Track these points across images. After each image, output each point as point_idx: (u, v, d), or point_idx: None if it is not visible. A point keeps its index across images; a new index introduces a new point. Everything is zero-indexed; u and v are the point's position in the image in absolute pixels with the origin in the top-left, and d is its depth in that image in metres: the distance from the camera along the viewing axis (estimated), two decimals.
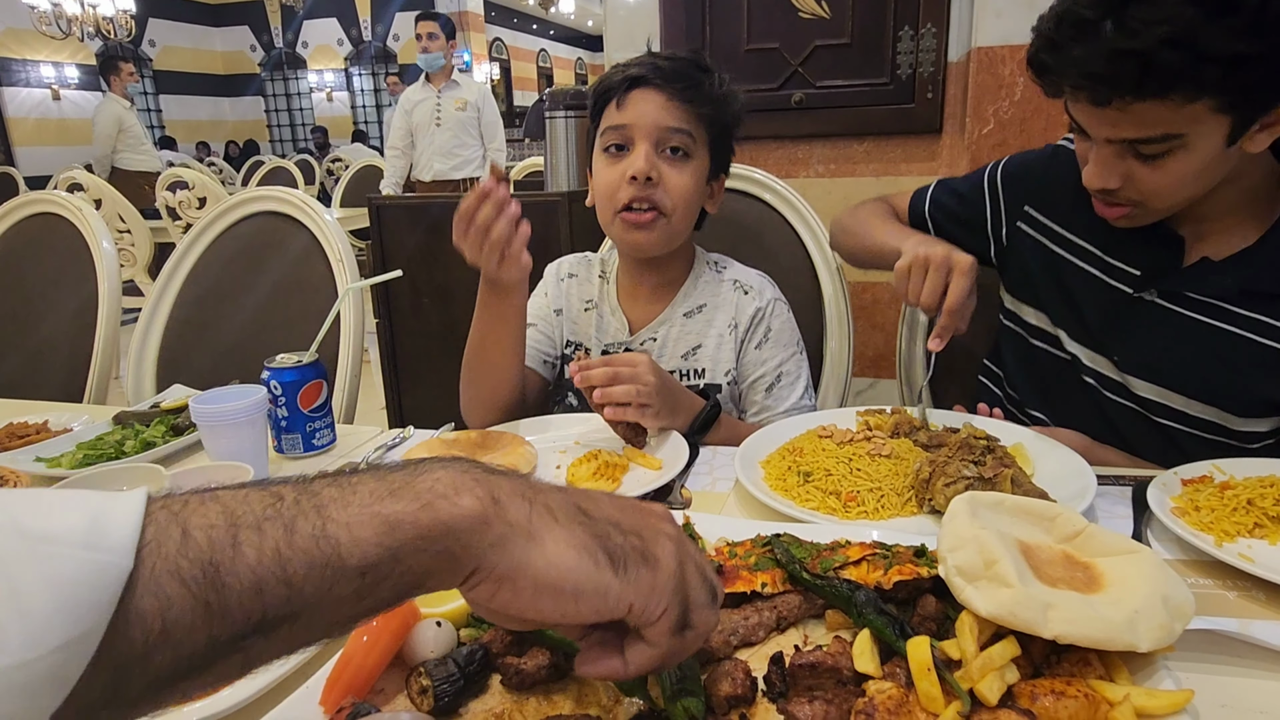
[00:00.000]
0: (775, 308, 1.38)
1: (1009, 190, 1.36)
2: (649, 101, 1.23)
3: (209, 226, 1.81)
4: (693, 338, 1.35)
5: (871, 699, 0.55)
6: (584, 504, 0.47)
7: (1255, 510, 0.85)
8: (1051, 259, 1.28)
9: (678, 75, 1.23)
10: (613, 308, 1.40)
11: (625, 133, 1.24)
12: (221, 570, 0.35)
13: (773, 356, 1.35)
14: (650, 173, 1.22)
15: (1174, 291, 1.14)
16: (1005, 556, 0.60)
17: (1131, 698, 0.54)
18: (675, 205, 1.25)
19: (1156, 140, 0.98)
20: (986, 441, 0.95)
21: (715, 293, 1.38)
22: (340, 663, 0.60)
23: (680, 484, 1.06)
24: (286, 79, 14.54)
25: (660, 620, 0.46)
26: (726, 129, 1.30)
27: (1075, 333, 1.25)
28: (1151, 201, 1.06)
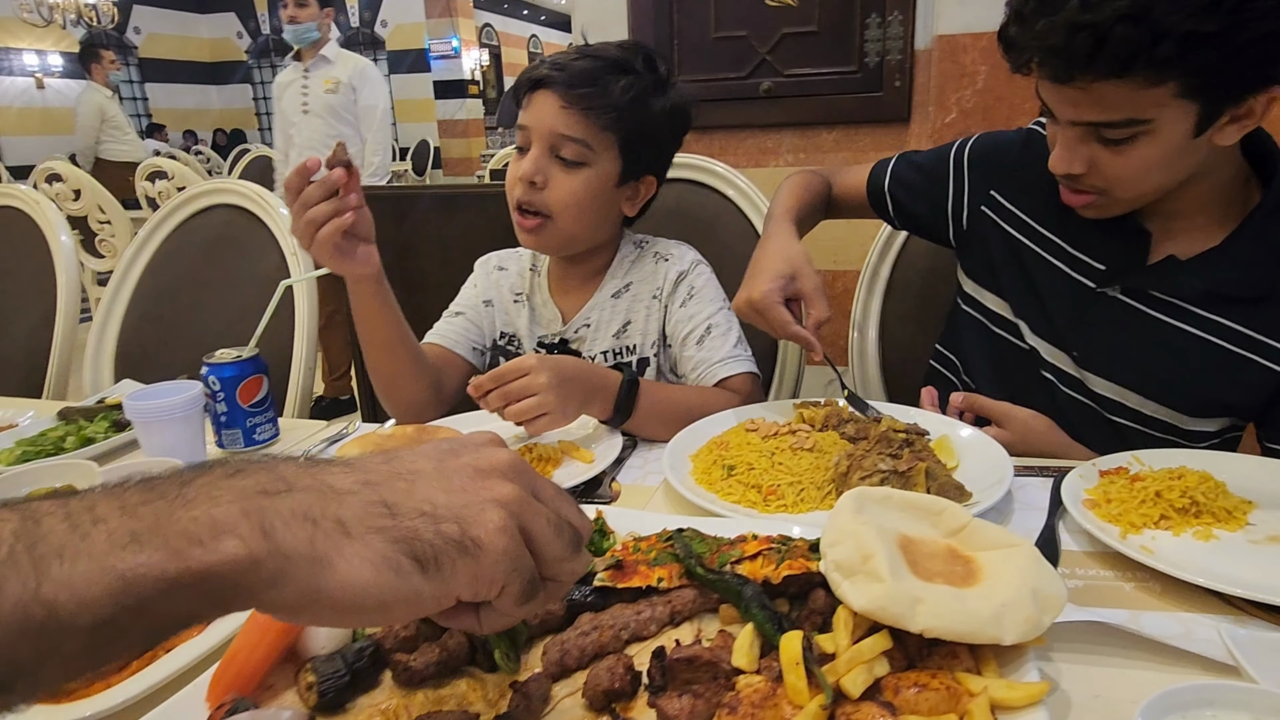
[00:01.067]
0: (697, 268, 1.38)
1: (975, 171, 1.32)
2: (546, 105, 1.21)
3: (165, 220, 1.81)
4: (622, 315, 1.37)
5: (738, 693, 0.56)
6: (392, 496, 0.44)
7: (1162, 502, 0.86)
8: (1015, 247, 1.26)
9: (581, 79, 1.20)
10: (544, 300, 1.41)
11: (526, 134, 1.23)
12: None
13: (699, 311, 1.34)
14: (535, 177, 1.21)
15: (1137, 289, 1.13)
16: (881, 551, 0.61)
17: (990, 690, 0.55)
18: (560, 211, 1.24)
19: (1120, 125, 0.97)
20: (905, 435, 0.96)
21: (640, 269, 1.39)
22: (225, 660, 0.61)
23: (611, 477, 1.07)
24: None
25: (502, 596, 0.45)
26: (646, 133, 1.27)
27: (1036, 325, 1.24)
28: (1116, 190, 1.04)
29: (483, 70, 13.85)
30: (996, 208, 1.29)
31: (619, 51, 1.26)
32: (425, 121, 12.82)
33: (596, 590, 0.71)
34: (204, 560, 0.37)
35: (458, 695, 0.63)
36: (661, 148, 1.34)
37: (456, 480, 0.46)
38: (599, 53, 1.25)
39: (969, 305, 1.37)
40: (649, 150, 1.30)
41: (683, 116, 1.32)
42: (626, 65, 1.24)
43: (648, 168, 1.32)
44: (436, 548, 0.43)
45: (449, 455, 0.48)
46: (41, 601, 0.34)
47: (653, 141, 1.30)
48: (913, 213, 1.42)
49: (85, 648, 0.35)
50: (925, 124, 2.47)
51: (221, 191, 1.81)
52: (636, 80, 1.23)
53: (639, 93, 1.23)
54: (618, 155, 1.26)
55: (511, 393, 1.05)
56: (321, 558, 0.40)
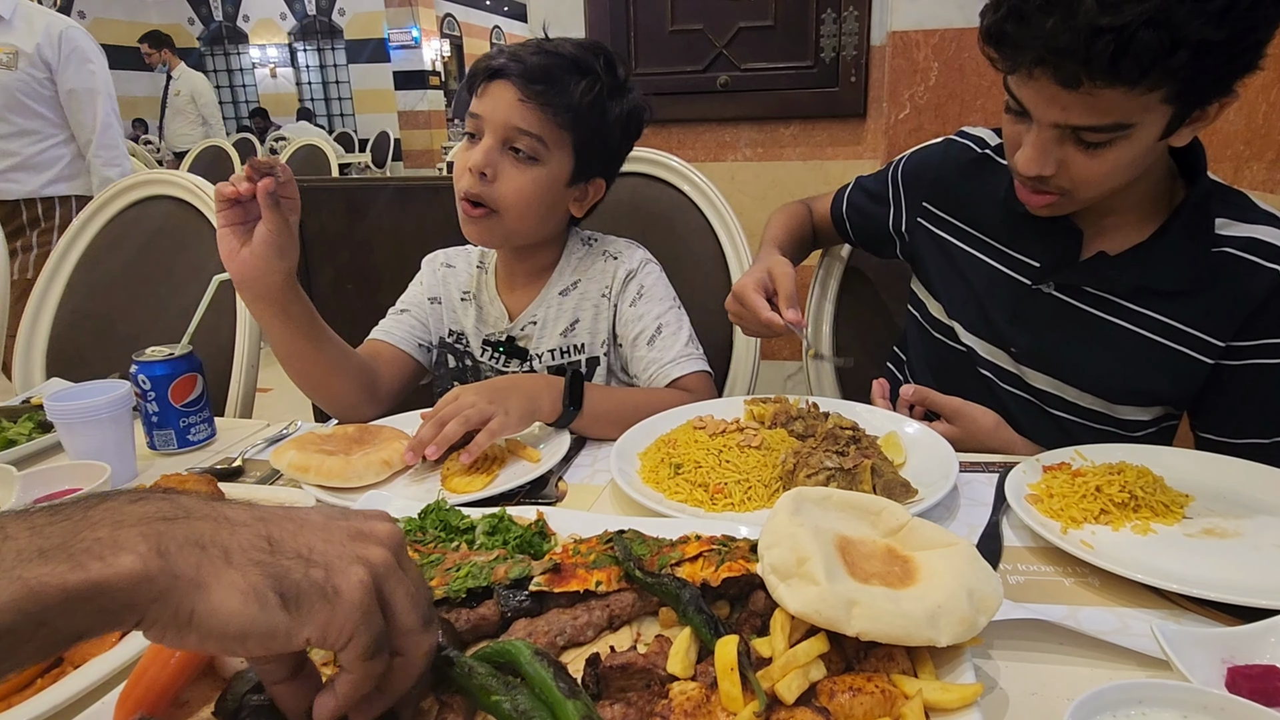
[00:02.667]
0: (646, 267, 1.38)
1: (908, 188, 1.38)
2: (502, 97, 1.18)
3: (99, 211, 1.74)
4: (569, 314, 1.35)
5: (670, 701, 0.55)
6: (278, 534, 0.47)
7: (1102, 497, 0.87)
8: (950, 252, 1.29)
9: (540, 75, 1.17)
10: (491, 297, 1.38)
11: (478, 123, 1.20)
12: None
13: (649, 311, 1.34)
14: (485, 169, 1.18)
15: (1071, 285, 1.15)
16: (817, 554, 0.60)
17: (924, 692, 0.54)
18: (509, 206, 1.21)
19: (1105, 129, 0.95)
20: (852, 432, 0.96)
21: (586, 265, 1.37)
22: (134, 677, 0.58)
23: (558, 476, 1.05)
24: (228, 54, 14.06)
25: (348, 647, 0.47)
26: (601, 136, 1.25)
27: (973, 325, 1.27)
28: (1080, 190, 1.04)
29: (444, 61, 13.64)
30: (931, 218, 1.34)
31: (580, 51, 1.22)
32: (385, 112, 12.61)
33: (533, 595, 0.69)
34: (103, 573, 0.40)
35: None
36: (614, 152, 1.32)
37: (336, 535, 0.49)
38: (559, 49, 1.21)
39: (914, 308, 1.41)
40: (602, 153, 1.28)
41: (637, 122, 1.30)
42: (586, 66, 1.21)
43: (599, 170, 1.30)
44: (301, 588, 0.45)
45: (339, 516, 0.52)
46: None
47: (606, 145, 1.28)
48: (866, 235, 1.50)
49: None
50: (881, 119, 2.48)
51: (161, 183, 1.74)
52: (595, 82, 1.21)
53: (597, 96, 1.21)
54: (571, 155, 1.23)
55: (445, 416, 1.04)
56: (202, 582, 0.43)
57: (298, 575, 0.46)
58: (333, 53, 13.55)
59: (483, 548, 0.79)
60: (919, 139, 1.69)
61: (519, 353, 1.36)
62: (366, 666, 0.48)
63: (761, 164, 2.72)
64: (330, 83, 13.76)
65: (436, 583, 0.70)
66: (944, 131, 1.42)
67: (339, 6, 13.12)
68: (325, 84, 13.70)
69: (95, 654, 0.65)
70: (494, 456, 1.07)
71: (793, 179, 2.71)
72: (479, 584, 0.70)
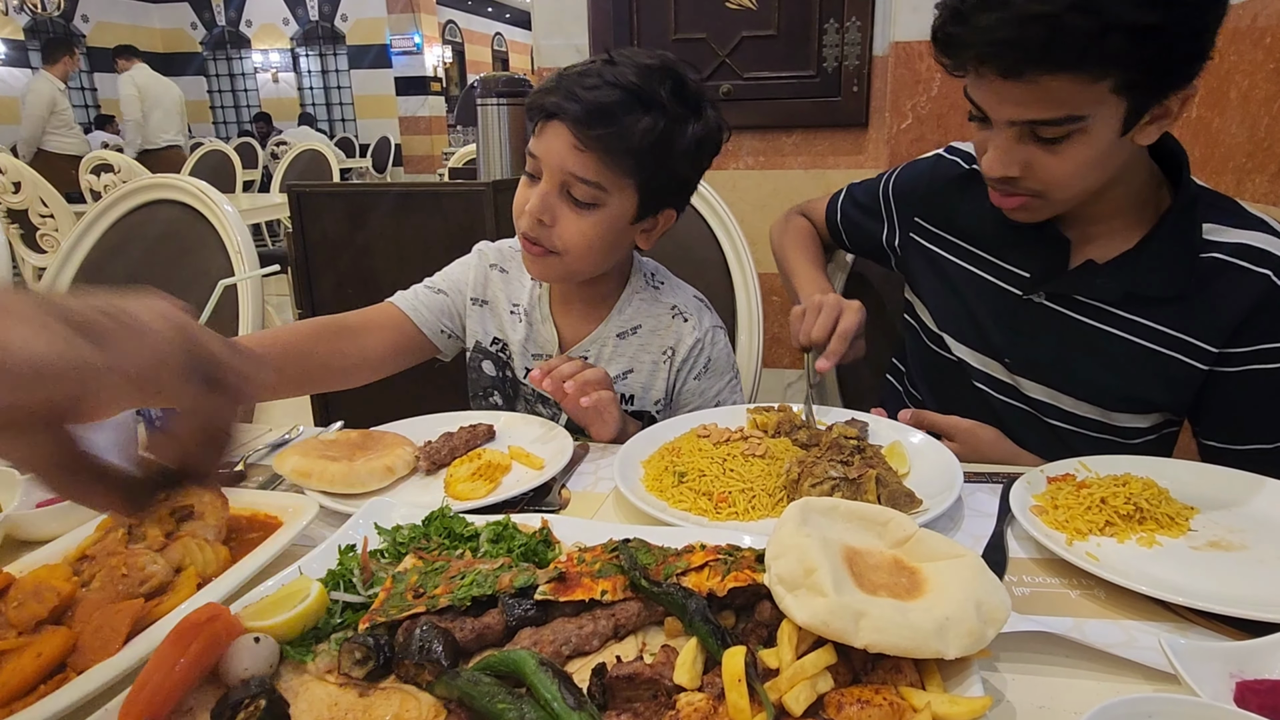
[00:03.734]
0: (713, 335, 1.33)
1: (899, 202, 1.39)
2: (559, 139, 1.10)
3: (103, 215, 1.74)
4: (625, 360, 1.30)
5: (678, 712, 0.54)
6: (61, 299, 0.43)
7: (1107, 509, 0.87)
8: (942, 266, 1.31)
9: (597, 117, 1.07)
10: (544, 316, 1.32)
11: (536, 163, 1.14)
12: None
13: (711, 386, 1.33)
14: (543, 216, 1.13)
15: (1061, 294, 1.16)
16: (825, 565, 0.60)
17: (932, 705, 0.54)
18: (568, 249, 1.15)
19: (1058, 122, 0.97)
20: (856, 441, 0.96)
21: (651, 314, 1.31)
22: (138, 684, 0.57)
23: (561, 484, 1.05)
24: (230, 59, 14.10)
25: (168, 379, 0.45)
26: (666, 171, 1.14)
27: (965, 336, 1.28)
28: (1052, 191, 1.06)
29: (446, 67, 13.70)
30: (922, 232, 1.35)
31: (643, 79, 1.09)
32: (387, 118, 12.64)
33: (538, 604, 0.69)
34: None
35: (392, 708, 0.61)
36: (684, 182, 1.22)
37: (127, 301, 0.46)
38: (620, 79, 1.09)
39: (910, 316, 1.43)
40: (670, 186, 1.19)
41: (712, 145, 1.19)
42: (650, 97, 1.09)
43: (668, 202, 1.22)
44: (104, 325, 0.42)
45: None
46: None
47: (674, 178, 1.18)
48: (860, 245, 1.51)
49: None
50: (883, 129, 2.49)
51: (165, 187, 1.74)
52: (661, 117, 1.09)
53: (662, 133, 1.09)
54: (635, 195, 1.15)
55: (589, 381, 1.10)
56: None
57: (96, 316, 0.43)
58: (335, 58, 13.60)
59: (487, 555, 0.78)
60: (921, 149, 1.70)
61: None
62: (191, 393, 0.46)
63: (763, 173, 2.72)
64: (332, 88, 13.80)
65: (441, 591, 0.70)
66: (946, 141, 1.43)
67: (341, 12, 13.17)
68: (327, 89, 13.74)
69: (97, 661, 0.64)
70: (497, 463, 1.07)
71: (794, 188, 2.72)
72: (484, 592, 0.69)
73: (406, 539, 0.81)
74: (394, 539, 0.82)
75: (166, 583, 0.75)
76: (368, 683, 0.64)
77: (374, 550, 0.81)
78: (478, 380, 1.38)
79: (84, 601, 0.71)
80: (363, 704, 0.62)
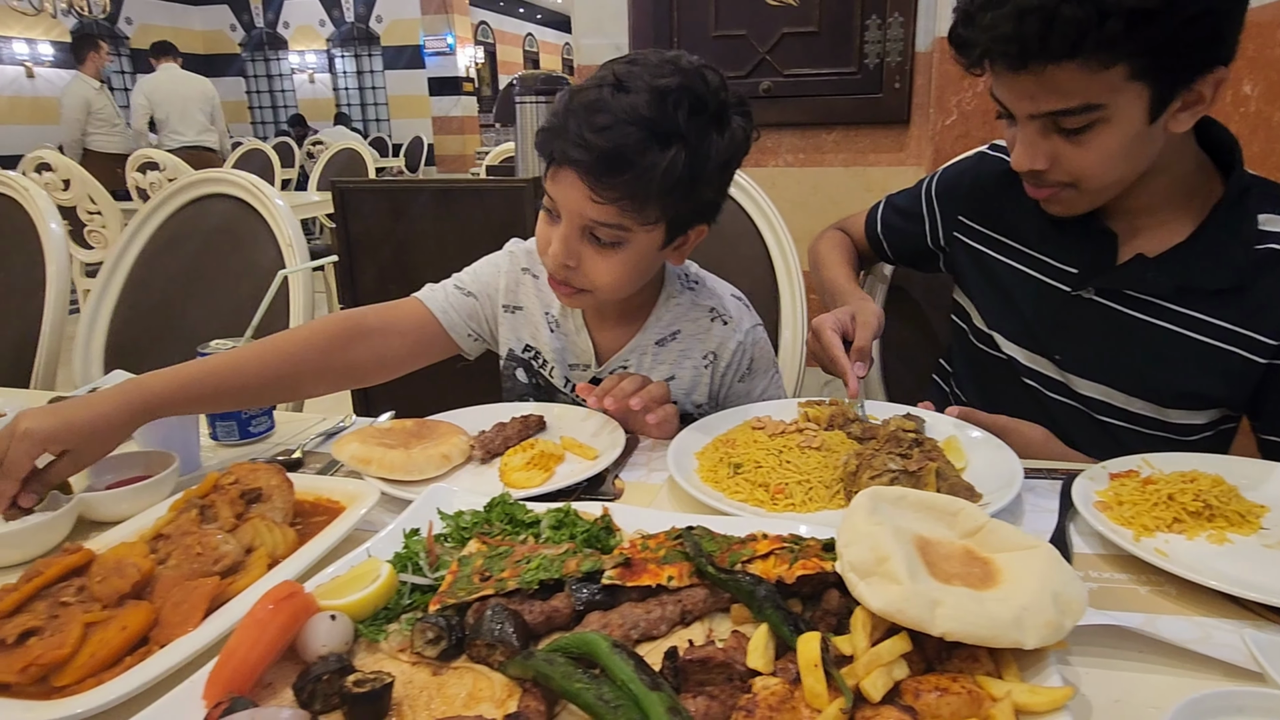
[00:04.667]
0: (754, 334, 1.30)
1: (943, 202, 1.38)
2: (574, 189, 1.02)
3: (158, 209, 1.78)
4: (666, 368, 1.26)
5: (754, 695, 0.55)
6: None
7: (1175, 505, 0.85)
8: (988, 264, 1.29)
9: (610, 163, 0.98)
10: (578, 327, 1.28)
11: (553, 204, 1.08)
12: None
13: (755, 387, 1.33)
14: (568, 261, 1.08)
15: (1111, 289, 1.14)
16: (898, 553, 0.59)
17: (1013, 695, 0.54)
18: (600, 287, 1.11)
19: (1076, 111, 0.98)
20: (915, 434, 0.95)
21: (690, 318, 1.27)
22: (223, 657, 0.59)
23: (614, 474, 1.05)
24: (268, 59, 14.33)
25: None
26: (692, 198, 1.07)
27: (1014, 334, 1.26)
28: (1083, 182, 1.06)
29: (478, 68, 13.80)
30: (967, 231, 1.34)
31: (657, 109, 0.99)
32: (420, 118, 12.77)
33: (605, 588, 0.69)
34: None
35: (465, 687, 0.62)
36: (714, 199, 1.13)
37: None
38: (632, 112, 0.98)
39: (958, 318, 1.41)
40: (697, 211, 1.12)
41: (740, 156, 1.11)
42: (667, 130, 0.99)
43: (698, 221, 1.15)
44: None
45: None
46: None
47: (703, 199, 1.10)
48: (905, 252, 1.49)
49: None
50: (925, 126, 2.46)
51: (217, 181, 1.78)
52: (682, 149, 1.00)
53: (686, 166, 1.01)
54: (662, 228, 1.09)
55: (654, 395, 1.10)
56: None
57: None
58: (369, 59, 13.76)
59: (549, 541, 0.79)
60: (966, 145, 1.68)
61: None
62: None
63: (802, 170, 2.71)
64: (366, 88, 13.97)
65: (508, 574, 0.71)
66: (992, 137, 1.42)
67: (376, 13, 13.32)
68: (361, 89, 13.92)
69: (178, 635, 0.66)
70: (550, 453, 1.07)
71: (834, 185, 2.70)
72: (551, 576, 0.70)
73: (469, 524, 0.82)
74: (457, 524, 0.83)
75: (239, 562, 0.77)
76: (440, 662, 0.65)
77: (438, 535, 0.82)
78: (512, 389, 1.35)
79: (161, 578, 0.73)
80: (436, 682, 0.63)
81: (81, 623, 0.65)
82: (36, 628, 0.65)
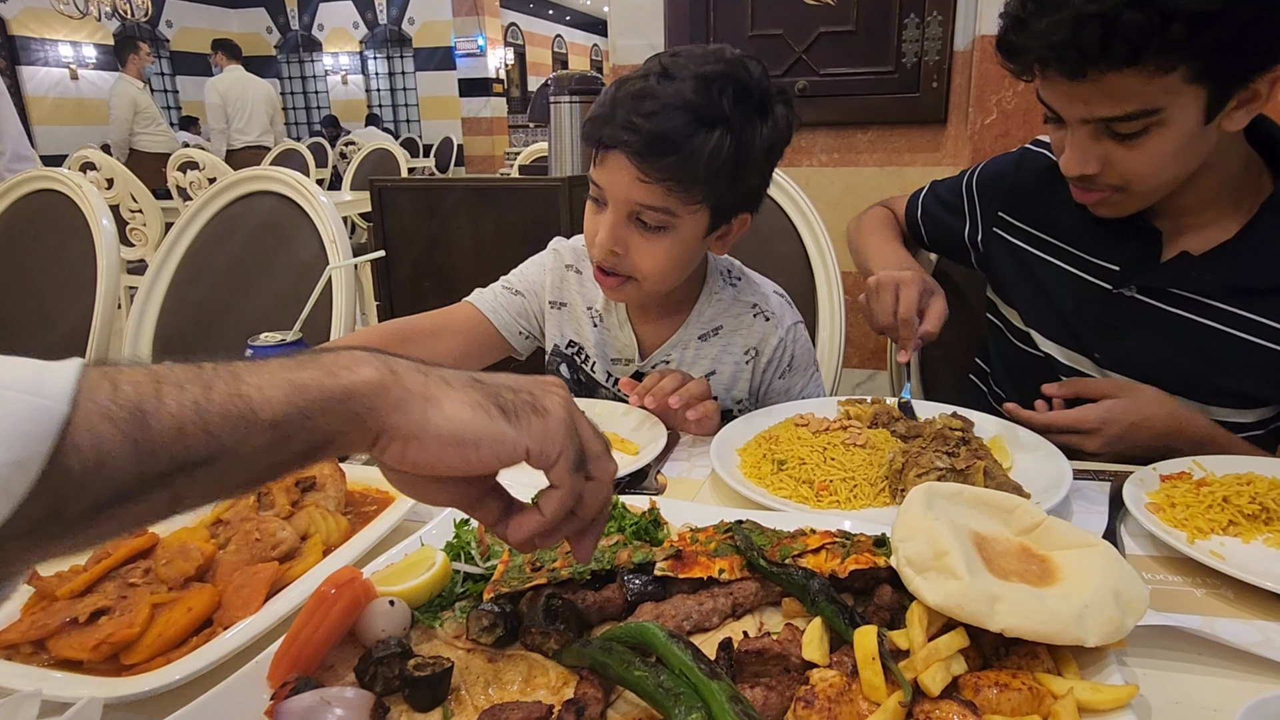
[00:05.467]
0: (795, 332, 1.31)
1: (983, 198, 1.37)
2: (622, 172, 1.04)
3: (205, 206, 1.82)
4: (708, 363, 1.27)
5: (813, 687, 0.55)
6: (479, 376, 0.53)
7: (1230, 508, 0.84)
8: (1026, 260, 1.28)
9: (658, 145, 1.00)
10: (621, 322, 1.29)
11: (600, 191, 1.10)
12: (147, 415, 0.41)
13: (795, 384, 1.33)
14: (615, 247, 1.09)
15: (1154, 287, 1.13)
16: (956, 548, 0.59)
17: (1075, 692, 0.53)
18: (645, 275, 1.12)
19: (1133, 117, 0.96)
20: (961, 433, 0.94)
21: (732, 314, 1.28)
22: (288, 639, 0.60)
23: (656, 469, 1.06)
24: (302, 61, 14.56)
25: (559, 460, 0.53)
26: (737, 185, 1.09)
27: (1052, 331, 1.25)
28: (1134, 185, 1.04)
29: (507, 69, 13.90)
30: (1007, 227, 1.32)
31: (703, 95, 1.01)
32: (449, 119, 12.89)
33: (657, 580, 0.70)
34: (351, 379, 0.47)
35: (521, 673, 0.62)
36: (758, 187, 1.16)
37: (523, 379, 0.56)
38: (679, 97, 1.01)
39: (993, 315, 1.40)
40: (742, 198, 1.14)
41: (782, 145, 1.13)
42: (713, 115, 1.02)
43: (741, 209, 1.17)
44: (516, 405, 0.52)
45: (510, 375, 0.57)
46: (240, 395, 0.44)
47: (747, 186, 1.12)
48: (941, 242, 1.48)
49: (266, 444, 0.44)
50: (962, 125, 2.44)
51: (262, 178, 1.81)
52: (727, 133, 1.02)
53: (731, 151, 1.03)
54: (707, 213, 1.10)
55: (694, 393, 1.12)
56: (431, 396, 0.50)
57: (509, 396, 0.52)
58: (401, 60, 13.92)
59: None
60: (1005, 145, 1.66)
61: None
62: (573, 479, 0.54)
63: (837, 170, 2.70)
64: (398, 89, 14.13)
65: (559, 565, 0.72)
66: (1032, 136, 1.40)
67: (409, 15, 13.47)
68: (393, 90, 14.08)
69: (240, 617, 0.68)
70: None
71: (869, 185, 2.68)
72: (603, 567, 0.71)
73: None
74: None
75: (295, 548, 0.78)
76: (495, 649, 0.66)
77: None
78: None
79: (222, 562, 0.75)
80: (492, 669, 0.64)
81: (149, 603, 0.67)
82: (107, 607, 0.67)
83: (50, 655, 0.64)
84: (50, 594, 0.70)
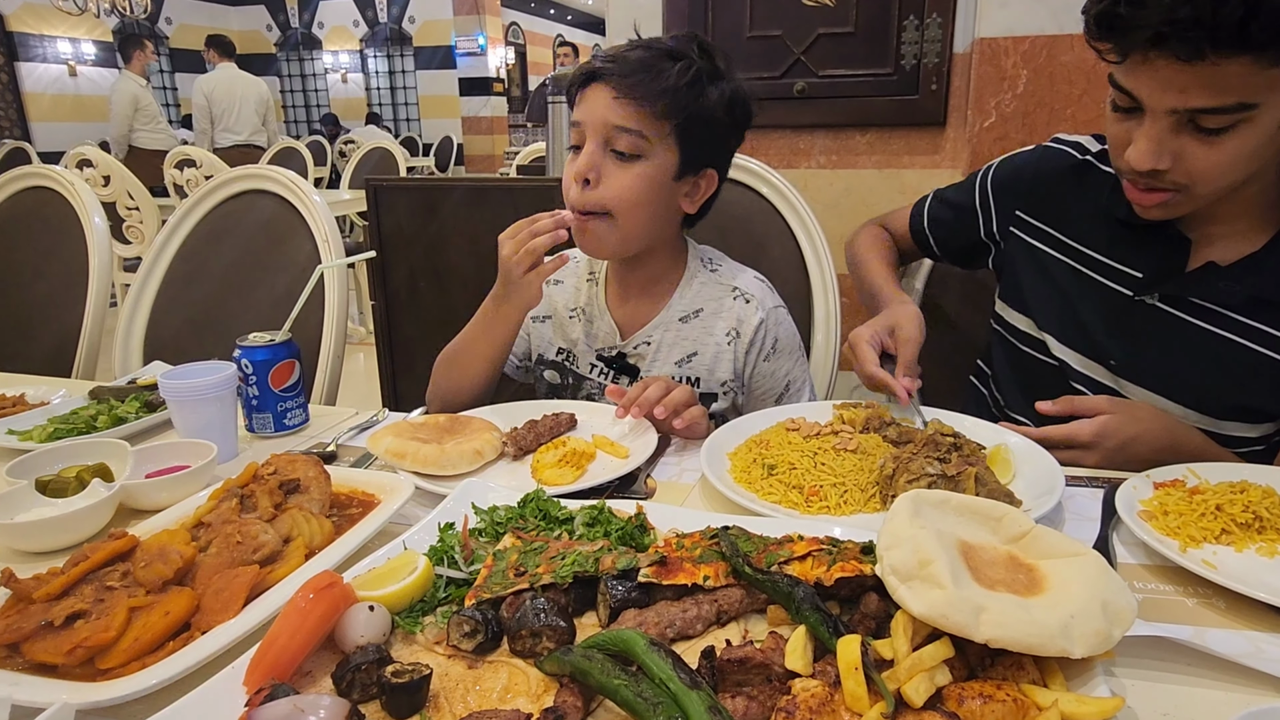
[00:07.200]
0: (776, 314, 1.34)
1: (1000, 196, 1.35)
2: (599, 97, 1.17)
3: (197, 204, 1.81)
4: (688, 344, 1.31)
5: (794, 697, 0.54)
6: None
7: (1223, 516, 0.83)
8: (1044, 262, 1.26)
9: (635, 67, 1.15)
10: (601, 310, 1.35)
11: (580, 130, 1.19)
12: None
13: (780, 367, 1.34)
14: (589, 174, 1.17)
15: (1177, 296, 1.11)
16: (941, 557, 0.58)
17: (1060, 704, 0.52)
18: (619, 207, 1.18)
19: (1228, 110, 0.90)
20: (953, 439, 0.94)
21: (713, 297, 1.32)
22: (264, 645, 0.59)
23: (646, 473, 1.05)
24: (302, 60, 14.53)
25: None
26: (703, 120, 1.19)
27: (1067, 337, 1.23)
28: (1199, 185, 0.99)
29: (508, 69, 13.88)
30: (1025, 227, 1.30)
31: (675, 41, 1.21)
32: (449, 118, 12.87)
33: (640, 586, 0.69)
34: None
35: (501, 680, 0.62)
36: (720, 138, 1.26)
37: None
38: (652, 43, 1.20)
39: (998, 324, 1.38)
40: (707, 140, 1.22)
41: (742, 106, 1.24)
42: (681, 53, 1.18)
43: (707, 160, 1.25)
44: None
45: None
46: None
47: (711, 130, 1.22)
48: (953, 247, 1.46)
49: None
50: (961, 128, 2.43)
51: (255, 177, 1.80)
52: (690, 65, 1.17)
53: (694, 77, 1.17)
54: (675, 144, 1.19)
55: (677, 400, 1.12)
56: None
57: None
58: (401, 59, 13.89)
59: (583, 538, 0.79)
60: (1004, 148, 1.65)
61: (629, 370, 1.33)
62: None
63: (835, 171, 2.69)
64: (398, 88, 14.11)
65: (543, 570, 0.71)
66: (1031, 140, 1.39)
67: (409, 14, 13.45)
68: (393, 89, 14.05)
69: (219, 621, 0.67)
70: (582, 451, 1.07)
71: (866, 187, 2.68)
72: (586, 571, 0.70)
73: (504, 519, 0.83)
74: (491, 519, 0.83)
75: (277, 552, 0.77)
76: (476, 655, 0.65)
77: (472, 529, 0.82)
78: (540, 395, 1.42)
79: (202, 565, 0.74)
80: (472, 675, 0.63)
81: (126, 607, 0.66)
82: (83, 611, 0.66)
83: (24, 659, 0.63)
84: (27, 596, 0.69)
